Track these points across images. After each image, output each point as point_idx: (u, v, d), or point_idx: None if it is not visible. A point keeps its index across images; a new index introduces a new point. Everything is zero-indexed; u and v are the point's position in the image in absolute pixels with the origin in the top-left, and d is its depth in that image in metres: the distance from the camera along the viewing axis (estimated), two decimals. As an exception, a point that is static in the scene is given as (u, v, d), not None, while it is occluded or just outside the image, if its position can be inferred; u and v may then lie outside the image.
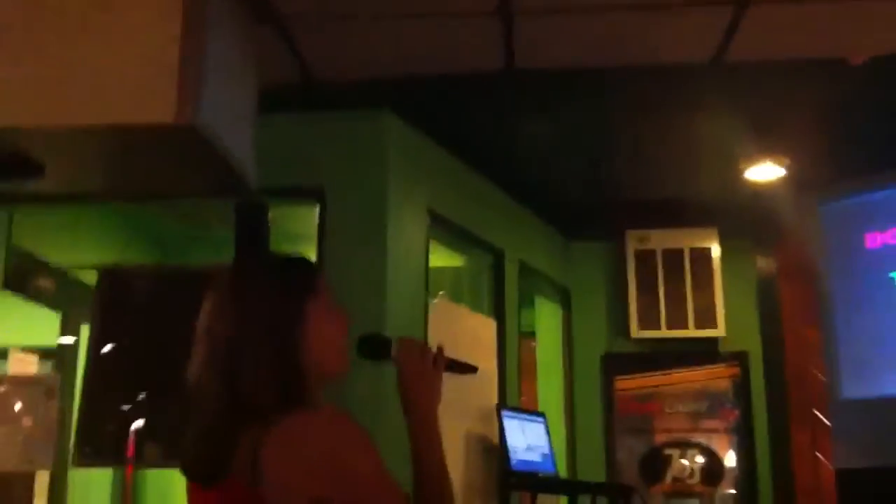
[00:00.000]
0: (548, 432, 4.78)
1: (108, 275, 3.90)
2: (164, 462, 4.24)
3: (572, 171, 4.94)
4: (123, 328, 3.88)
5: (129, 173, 3.18)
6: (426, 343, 1.76)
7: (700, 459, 5.59)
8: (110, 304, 3.87)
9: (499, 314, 4.94)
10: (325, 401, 1.62)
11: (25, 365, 4.52)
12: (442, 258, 4.74)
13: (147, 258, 5.06)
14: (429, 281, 4.27)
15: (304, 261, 1.69)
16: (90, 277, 4.15)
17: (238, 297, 1.59)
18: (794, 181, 4.91)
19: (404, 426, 1.67)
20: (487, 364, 4.72)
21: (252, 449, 1.46)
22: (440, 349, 1.75)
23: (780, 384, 5.59)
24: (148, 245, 5.18)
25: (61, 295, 4.81)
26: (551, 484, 4.67)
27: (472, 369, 1.86)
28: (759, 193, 5.03)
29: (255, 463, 1.45)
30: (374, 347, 1.76)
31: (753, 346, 5.72)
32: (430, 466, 1.64)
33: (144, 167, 3.07)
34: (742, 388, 5.67)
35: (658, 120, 4.29)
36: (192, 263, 4.78)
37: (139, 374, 3.96)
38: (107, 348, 3.85)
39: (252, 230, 3.54)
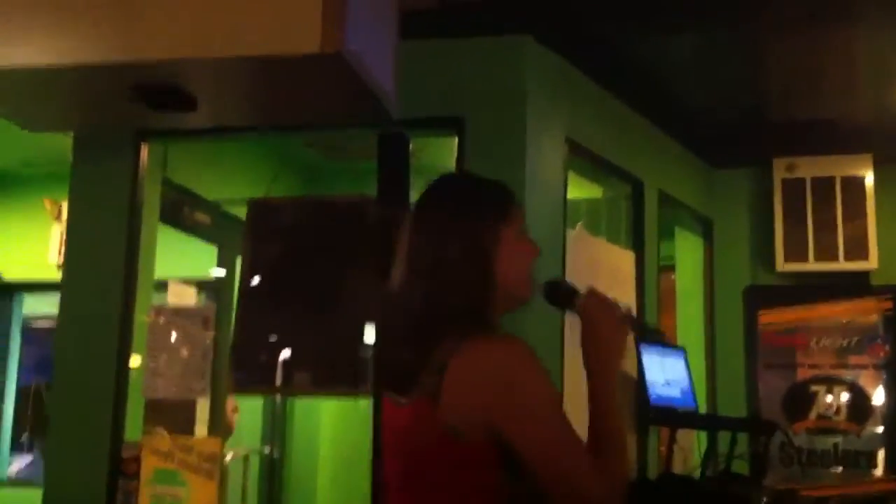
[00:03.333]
0: (688, 367, 4.71)
1: (257, 207, 4.03)
2: (312, 389, 4.40)
3: (717, 94, 4.79)
4: (273, 259, 4.02)
5: (276, 104, 3.26)
6: (614, 300, 1.76)
7: (846, 396, 5.43)
8: (260, 236, 4.00)
9: (638, 246, 4.87)
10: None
11: (183, 296, 4.71)
12: (580, 189, 4.69)
13: (293, 190, 5.19)
14: (567, 212, 4.23)
15: (501, 186, 1.75)
16: (242, 211, 4.29)
17: (448, 213, 1.67)
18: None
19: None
20: (626, 297, 4.67)
21: (438, 370, 1.56)
22: (629, 309, 1.79)
23: (935, 318, 5.36)
24: (294, 177, 5.31)
25: (215, 228, 4.99)
26: (690, 419, 4.61)
27: (657, 334, 1.91)
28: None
29: (440, 380, 1.55)
30: (561, 294, 1.80)
31: (909, 278, 5.48)
32: (608, 420, 1.65)
33: (291, 97, 3.14)
34: (893, 322, 5.45)
35: (810, 37, 4.09)
36: (336, 194, 4.87)
37: (288, 303, 4.10)
38: (257, 279, 3.99)
39: (394, 162, 3.58)
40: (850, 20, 3.91)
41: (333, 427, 5.88)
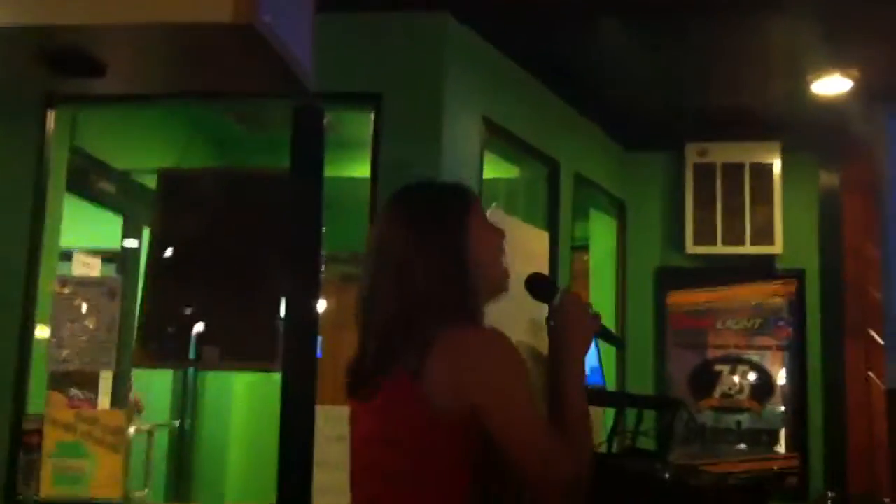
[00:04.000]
0: (597, 346, 4.79)
1: (168, 177, 3.95)
2: (224, 363, 4.36)
3: (634, 78, 4.84)
4: (183, 230, 3.95)
5: (188, 73, 3.18)
6: (590, 304, 1.95)
7: (751, 376, 5.59)
8: (170, 207, 3.93)
9: (552, 226, 4.92)
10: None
11: (89, 267, 4.61)
12: (496, 169, 4.71)
13: (205, 161, 5.09)
14: (483, 192, 4.25)
15: (460, 185, 1.89)
16: (151, 181, 4.21)
17: (407, 214, 1.78)
18: (863, 95, 4.77)
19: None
20: (540, 276, 4.71)
21: (421, 347, 1.64)
22: (598, 314, 1.95)
23: (837, 302, 5.53)
24: (206, 148, 5.21)
25: (123, 197, 4.88)
26: (597, 396, 4.68)
27: (619, 343, 2.12)
28: (825, 106, 4.90)
29: (422, 362, 1.63)
30: (542, 288, 1.96)
31: (811, 263, 5.65)
32: (574, 409, 1.78)
33: (204, 66, 3.07)
34: (797, 305, 5.62)
35: (727, 24, 4.16)
36: (249, 165, 4.81)
37: (199, 276, 4.04)
38: (167, 251, 3.92)
39: (308, 135, 3.54)
40: (767, 9, 3.98)
41: (245, 401, 5.83)
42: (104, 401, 4.72)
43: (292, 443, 3.35)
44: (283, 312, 4.03)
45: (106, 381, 4.74)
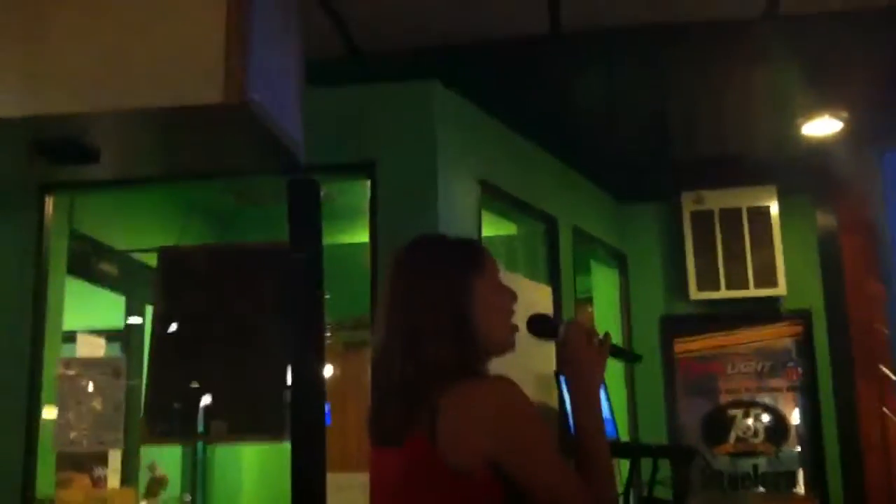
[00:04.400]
0: (608, 397, 4.77)
1: (168, 255, 3.97)
2: (231, 437, 4.34)
3: (624, 132, 4.88)
4: (185, 307, 3.97)
5: (181, 154, 3.23)
6: (593, 327, 1.91)
7: (764, 419, 5.55)
8: (171, 284, 3.95)
9: (554, 281, 4.92)
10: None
11: (93, 348, 4.62)
12: (495, 227, 4.73)
13: (204, 238, 5.13)
14: (483, 250, 4.26)
15: (472, 242, 1.88)
16: (151, 259, 4.23)
17: (416, 275, 1.77)
18: (853, 134, 4.80)
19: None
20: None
21: (431, 409, 1.63)
22: (607, 335, 1.89)
23: (844, 340, 5.51)
24: (204, 225, 5.26)
25: (124, 277, 4.91)
26: (612, 447, 4.65)
27: (636, 358, 2.04)
28: (817, 148, 4.93)
29: (433, 422, 1.62)
30: (543, 326, 1.92)
31: (815, 303, 5.63)
32: (592, 442, 1.76)
33: (196, 147, 3.11)
34: (805, 345, 5.60)
35: (711, 76, 4.21)
36: (247, 240, 4.84)
37: (203, 351, 4.05)
38: (171, 327, 3.93)
39: (305, 209, 3.57)
40: (754, 57, 4.03)
41: (255, 471, 5.79)
42: (113, 479, 4.70)
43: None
44: (288, 383, 4.03)
45: (114, 459, 4.73)
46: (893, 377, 5.19)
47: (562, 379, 4.48)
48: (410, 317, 1.73)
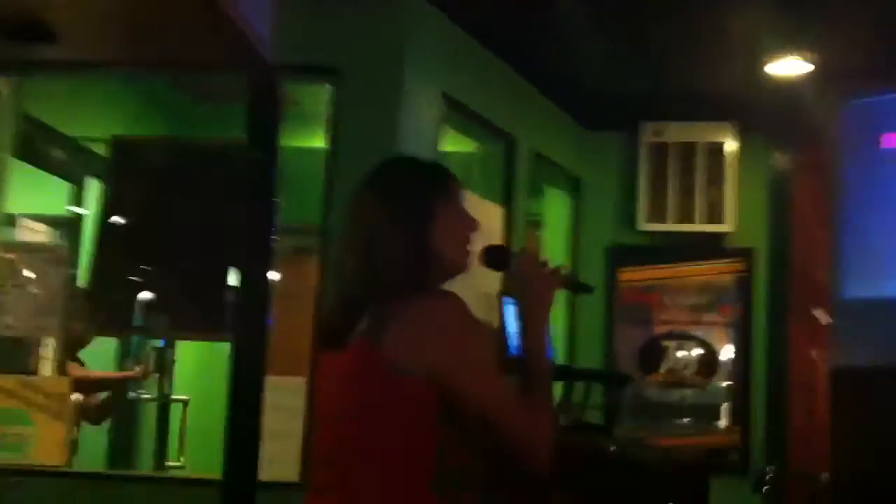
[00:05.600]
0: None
1: (121, 145, 3.88)
2: (171, 331, 4.32)
3: (591, 58, 4.83)
4: (135, 198, 3.89)
5: (142, 42, 3.11)
6: (547, 259, 1.97)
7: (697, 352, 5.66)
8: (122, 174, 3.87)
9: (508, 202, 4.92)
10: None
11: (35, 234, 4.53)
12: (455, 143, 4.70)
13: (156, 131, 5.00)
14: (440, 165, 4.23)
15: (440, 167, 1.93)
16: (100, 148, 4.12)
17: (381, 192, 1.82)
18: (819, 77, 4.80)
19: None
20: (494, 251, 4.72)
21: (378, 317, 1.69)
22: (559, 267, 1.96)
23: (783, 281, 5.61)
24: (158, 118, 5.10)
25: (71, 164, 4.78)
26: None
27: (588, 289, 2.23)
28: (781, 89, 4.93)
29: (379, 330, 1.68)
30: (497, 257, 1.96)
31: (760, 242, 5.71)
32: (538, 365, 1.83)
33: (158, 35, 3.01)
34: (745, 284, 5.69)
35: (680, 8, 4.17)
36: (201, 137, 4.74)
37: (149, 245, 3.99)
38: (118, 218, 3.86)
39: (265, 109, 3.49)
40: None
41: (191, 370, 5.75)
42: (46, 368, 4.65)
43: (242, 412, 3.33)
44: (233, 283, 4.00)
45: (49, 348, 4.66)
46: (825, 322, 5.31)
47: (506, 301, 4.52)
48: (369, 233, 1.78)
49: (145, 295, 4.02)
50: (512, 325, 4.35)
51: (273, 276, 3.63)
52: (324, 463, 1.80)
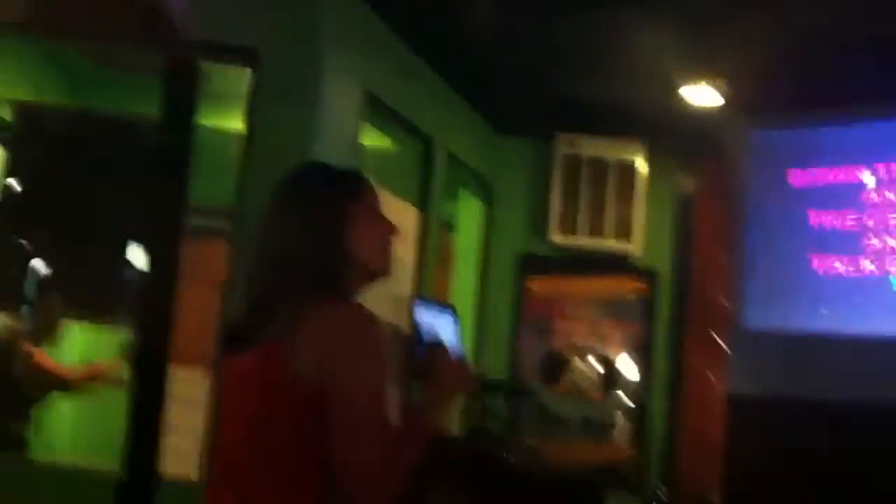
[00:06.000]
0: (457, 326, 4.81)
1: (24, 110, 3.71)
2: (65, 312, 4.14)
3: (511, 62, 4.83)
4: (36, 169, 3.73)
5: (49, 8, 2.98)
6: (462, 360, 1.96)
7: (597, 366, 5.71)
8: (24, 142, 3.70)
9: (422, 203, 4.89)
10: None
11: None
12: (370, 139, 4.64)
13: (59, 95, 4.75)
14: (358, 159, 4.18)
15: (353, 172, 1.94)
16: (4, 111, 3.92)
17: (293, 198, 1.83)
18: (728, 105, 4.92)
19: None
20: (405, 253, 4.69)
21: (288, 319, 1.68)
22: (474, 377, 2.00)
23: (683, 302, 5.71)
24: (60, 81, 4.84)
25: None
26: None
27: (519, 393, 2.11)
28: (691, 113, 5.03)
29: (287, 331, 1.67)
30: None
31: (664, 264, 5.79)
32: (424, 425, 1.78)
33: (73, 3, 2.88)
34: (647, 303, 5.76)
35: (604, 22, 4.21)
36: (114, 111, 4.55)
37: (46, 216, 3.83)
38: (16, 185, 3.69)
39: (181, 88, 3.40)
40: (639, 12, 4.04)
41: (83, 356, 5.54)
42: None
43: (143, 404, 3.22)
44: (133, 265, 3.87)
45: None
46: (725, 348, 5.41)
47: (417, 303, 4.49)
48: (282, 238, 1.78)
49: (39, 269, 3.85)
50: (424, 324, 4.35)
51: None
52: (222, 462, 1.79)
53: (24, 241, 3.84)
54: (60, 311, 4.02)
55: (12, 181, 3.79)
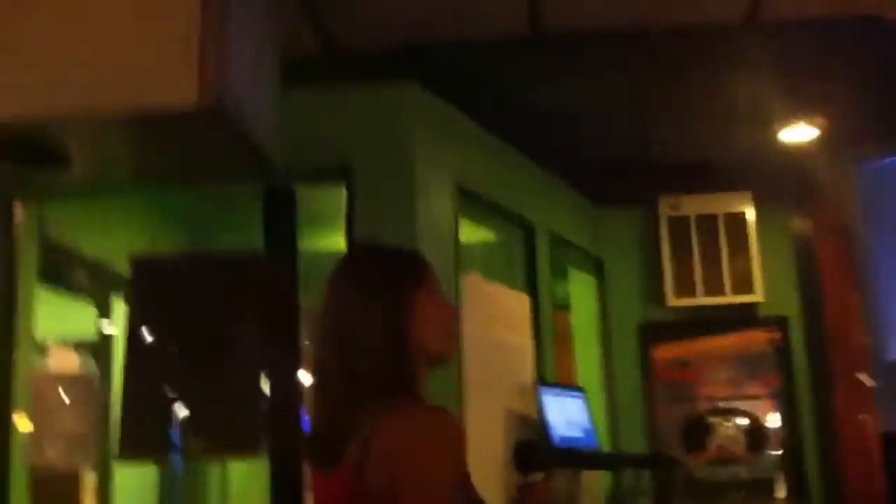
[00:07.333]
0: (588, 407, 4.74)
1: (141, 263, 3.88)
2: (208, 453, 4.24)
3: (602, 136, 4.87)
4: (159, 317, 3.87)
5: (154, 160, 3.15)
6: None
7: (743, 425, 5.53)
8: (144, 294, 3.86)
9: (532, 288, 4.88)
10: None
11: (66, 361, 4.52)
12: (473, 233, 4.70)
13: (177, 243, 5.02)
14: (459, 257, 4.22)
15: (413, 255, 1.85)
16: (124, 267, 4.12)
17: (354, 290, 1.75)
18: (829, 142, 4.83)
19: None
20: (523, 339, 4.68)
21: (363, 440, 1.61)
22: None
23: (821, 347, 5.51)
24: (177, 231, 5.13)
25: (96, 285, 4.80)
26: (594, 459, 4.62)
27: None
28: (793, 155, 4.95)
29: (364, 454, 1.60)
30: (527, 458, 2.05)
31: (792, 309, 5.63)
32: None
33: (169, 153, 3.04)
34: (782, 352, 5.59)
35: (689, 82, 4.23)
36: (220, 248, 4.75)
37: (178, 364, 3.95)
38: (144, 340, 3.83)
39: (280, 217, 3.52)
40: (724, 69, 4.03)
41: (238, 487, 5.66)
42: (89, 501, 4.56)
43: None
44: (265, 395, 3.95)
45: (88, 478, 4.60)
46: (870, 384, 5.20)
47: (543, 390, 4.45)
48: (346, 334, 1.72)
49: (179, 417, 3.96)
50: (553, 414, 4.30)
51: (305, 381, 3.60)
52: None
53: (165, 388, 3.96)
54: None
55: (140, 332, 3.94)
